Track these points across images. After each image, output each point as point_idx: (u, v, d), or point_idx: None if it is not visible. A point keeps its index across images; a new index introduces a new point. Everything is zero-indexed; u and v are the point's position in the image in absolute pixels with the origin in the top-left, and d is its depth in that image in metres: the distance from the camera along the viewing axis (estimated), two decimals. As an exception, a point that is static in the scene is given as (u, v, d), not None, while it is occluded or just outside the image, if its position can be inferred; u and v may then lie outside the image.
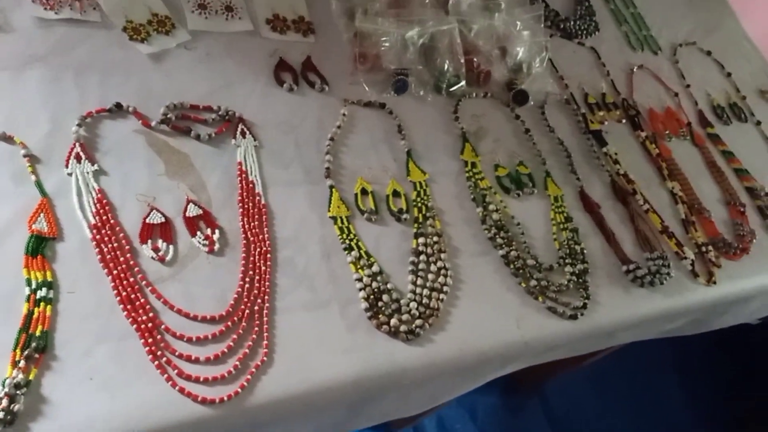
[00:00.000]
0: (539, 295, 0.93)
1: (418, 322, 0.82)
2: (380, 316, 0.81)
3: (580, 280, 0.97)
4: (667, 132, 1.27)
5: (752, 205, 1.25)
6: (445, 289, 0.87)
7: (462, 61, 1.09)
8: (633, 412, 2.08)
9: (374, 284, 0.83)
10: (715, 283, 1.07)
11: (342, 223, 0.87)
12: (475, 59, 1.11)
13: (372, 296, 0.82)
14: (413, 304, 0.84)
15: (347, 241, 0.85)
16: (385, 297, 0.83)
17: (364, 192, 0.92)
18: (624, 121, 1.24)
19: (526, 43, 1.17)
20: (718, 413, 2.13)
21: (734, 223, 1.20)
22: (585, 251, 1.01)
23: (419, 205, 0.94)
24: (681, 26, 1.52)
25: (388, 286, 0.84)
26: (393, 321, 0.81)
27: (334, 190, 0.89)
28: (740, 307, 1.20)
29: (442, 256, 0.90)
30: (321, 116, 0.96)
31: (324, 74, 1.00)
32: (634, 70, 1.34)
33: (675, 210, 1.15)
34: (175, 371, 0.67)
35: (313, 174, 0.90)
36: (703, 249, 1.11)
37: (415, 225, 0.92)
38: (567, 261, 0.98)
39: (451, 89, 1.08)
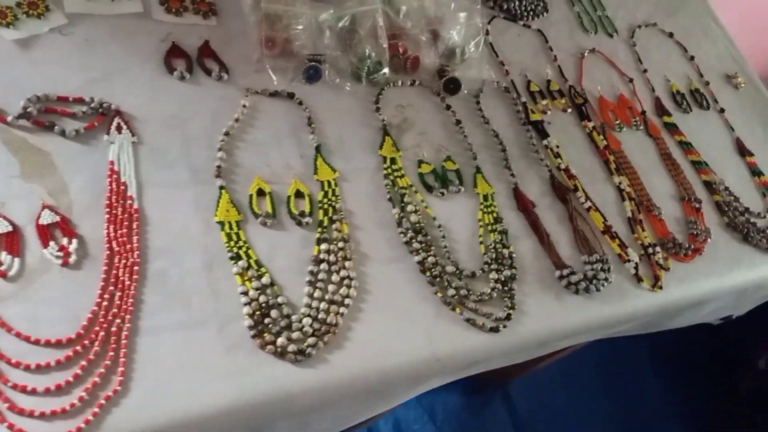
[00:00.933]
0: (457, 305, 0.85)
1: (311, 340, 0.74)
2: (266, 334, 0.73)
3: (506, 288, 0.90)
4: (617, 122, 1.19)
5: (710, 201, 1.18)
6: (346, 301, 0.80)
7: (386, 46, 1.01)
8: (606, 405, 2.03)
9: (262, 298, 0.75)
10: (661, 288, 1.00)
11: (230, 228, 0.79)
12: (401, 44, 1.03)
13: (258, 312, 0.74)
14: (307, 320, 0.76)
15: (235, 249, 0.77)
16: (273, 312, 0.75)
17: (261, 193, 0.83)
18: (569, 110, 1.16)
19: (461, 25, 1.09)
20: (695, 403, 2.08)
21: (688, 221, 1.12)
22: (514, 255, 0.93)
23: (325, 207, 0.86)
24: (641, 6, 1.43)
25: (279, 300, 0.76)
26: (280, 340, 0.73)
27: (224, 191, 0.81)
28: (693, 310, 1.13)
29: (347, 264, 0.82)
30: (217, 108, 0.87)
31: (225, 61, 0.91)
32: (585, 54, 1.26)
33: (621, 208, 1.08)
34: (6, 404, 0.60)
35: (202, 174, 0.81)
36: (650, 251, 1.04)
37: (319, 230, 0.84)
38: (492, 267, 0.91)
39: (373, 77, 1.00)
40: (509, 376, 1.89)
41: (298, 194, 0.86)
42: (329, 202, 0.87)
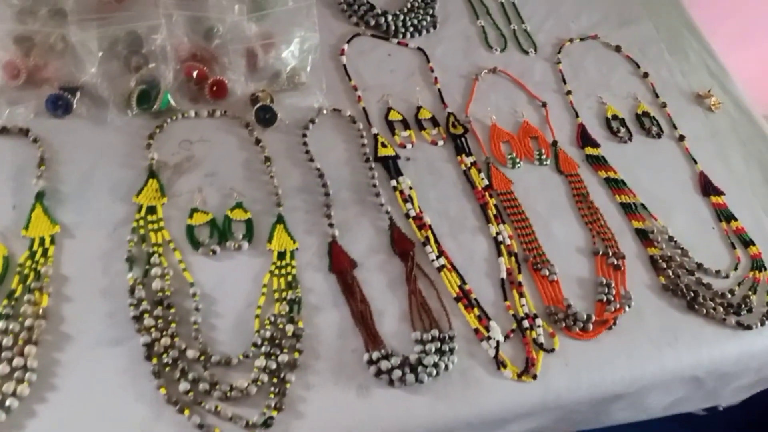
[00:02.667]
0: (188, 406, 0.63)
1: None
2: None
3: (276, 380, 0.66)
4: (511, 156, 0.94)
5: (641, 256, 0.89)
6: (9, 402, 0.60)
7: (175, 68, 0.83)
8: None
9: None
10: (535, 377, 0.73)
11: None
12: (198, 66, 0.85)
13: None
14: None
15: None
16: None
17: (-64, 255, 0.66)
18: (441, 143, 0.93)
19: (292, 44, 0.90)
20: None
21: (597, 283, 0.84)
22: (302, 333, 0.70)
23: (26, 271, 0.68)
24: (581, 16, 1.19)
25: None
26: None
27: None
28: (618, 404, 0.83)
29: (28, 350, 0.62)
30: None
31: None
32: (482, 75, 1.03)
33: (497, 266, 0.82)
34: None
35: None
36: (525, 324, 0.77)
37: (4, 302, 0.65)
38: (262, 350, 0.68)
39: (145, 107, 0.81)
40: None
41: (-8, 257, 0.68)
42: (33, 266, 0.68)
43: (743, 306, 0.88)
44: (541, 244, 0.87)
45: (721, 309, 0.87)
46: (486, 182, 0.90)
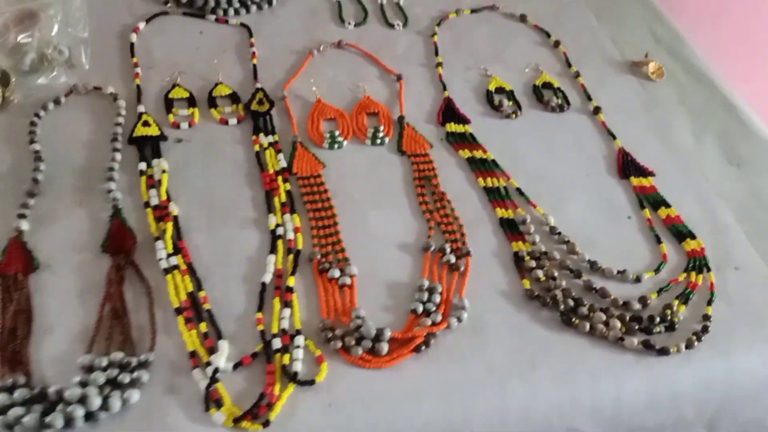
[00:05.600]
0: None
1: None
2: None
3: None
4: (330, 133, 0.71)
5: (504, 254, 0.62)
6: None
7: None
8: None
9: None
10: (266, 424, 0.48)
11: None
12: None
13: None
14: None
15: None
16: None
17: None
18: (234, 121, 0.72)
19: (49, 19, 0.74)
20: None
21: (418, 288, 0.59)
22: None
23: None
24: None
25: None
26: None
27: None
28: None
29: None
30: None
31: None
32: (320, 49, 0.83)
33: (261, 266, 0.59)
34: None
35: None
36: (277, 344, 0.52)
37: None
38: None
39: None
40: None
41: None
42: None
43: (659, 321, 0.59)
44: (342, 239, 0.63)
45: (619, 324, 0.58)
46: (281, 164, 0.69)
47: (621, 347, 0.57)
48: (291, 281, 0.58)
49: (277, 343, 0.53)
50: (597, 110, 0.81)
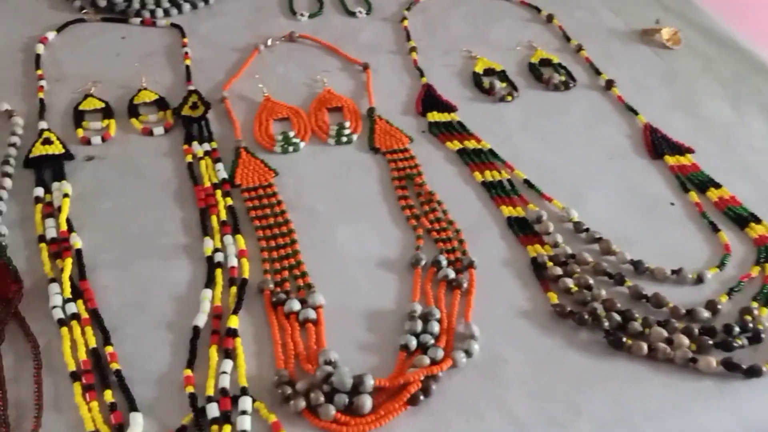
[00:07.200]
0: None
1: None
2: None
3: None
4: (283, 135, 0.58)
5: (518, 261, 0.48)
6: None
7: None
8: None
9: None
10: None
11: None
12: None
13: None
14: None
15: None
16: None
17: None
18: (160, 130, 0.59)
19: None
20: None
21: (408, 314, 0.44)
22: None
23: None
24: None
25: None
26: None
27: None
28: None
29: None
30: None
31: None
32: (267, 44, 0.70)
33: (194, 306, 0.44)
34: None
35: None
36: (213, 412, 0.38)
37: None
38: None
39: None
40: None
41: None
42: None
43: (739, 331, 0.44)
44: (303, 261, 0.49)
45: (687, 341, 0.44)
46: (222, 177, 0.55)
47: (694, 371, 0.43)
48: (234, 322, 0.43)
49: (213, 410, 0.38)
50: (610, 84, 0.68)
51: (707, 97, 0.69)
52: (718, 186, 0.57)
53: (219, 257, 0.48)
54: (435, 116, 0.63)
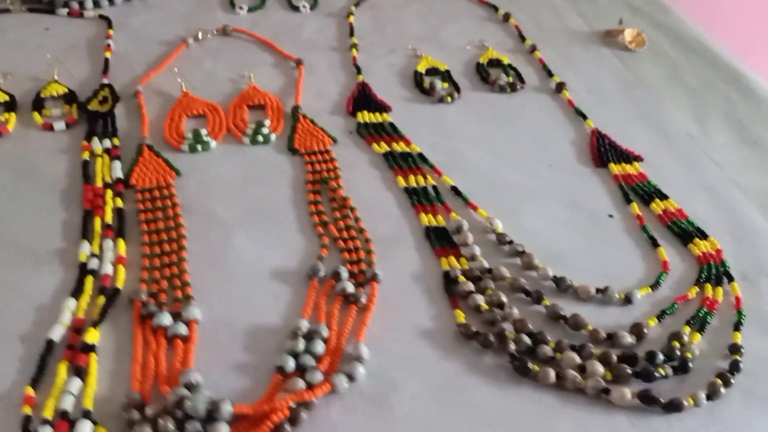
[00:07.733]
0: None
1: None
2: None
3: None
4: (193, 135, 0.54)
5: (430, 275, 0.44)
6: None
7: None
8: None
9: None
10: None
11: None
12: None
13: None
14: None
15: None
16: None
17: None
18: (61, 125, 0.54)
19: None
20: None
21: (292, 332, 0.40)
22: None
23: None
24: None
25: None
26: None
27: None
28: None
29: None
30: None
31: None
32: (197, 38, 0.66)
33: (52, 317, 0.40)
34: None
35: None
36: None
37: None
38: None
39: None
40: None
41: None
42: None
43: (663, 359, 0.39)
44: (187, 270, 0.44)
45: (601, 369, 0.39)
46: (119, 175, 0.51)
47: (607, 403, 0.38)
48: (92, 336, 0.39)
49: (45, 437, 0.35)
50: (560, 87, 0.63)
51: (669, 104, 0.64)
52: (664, 197, 0.52)
53: (93, 264, 0.44)
54: (365, 117, 0.58)
